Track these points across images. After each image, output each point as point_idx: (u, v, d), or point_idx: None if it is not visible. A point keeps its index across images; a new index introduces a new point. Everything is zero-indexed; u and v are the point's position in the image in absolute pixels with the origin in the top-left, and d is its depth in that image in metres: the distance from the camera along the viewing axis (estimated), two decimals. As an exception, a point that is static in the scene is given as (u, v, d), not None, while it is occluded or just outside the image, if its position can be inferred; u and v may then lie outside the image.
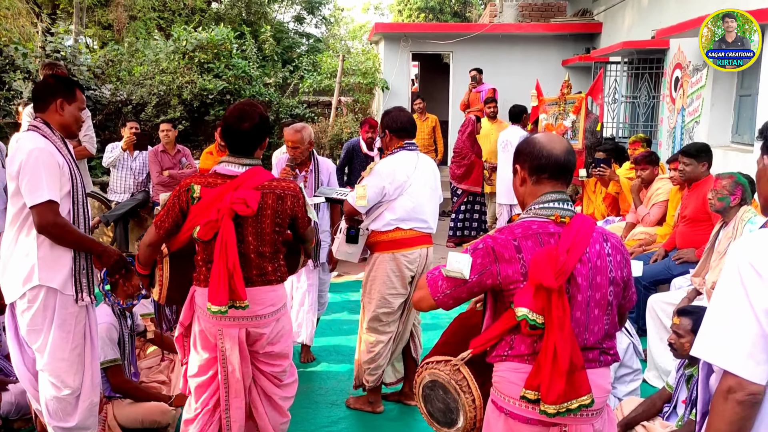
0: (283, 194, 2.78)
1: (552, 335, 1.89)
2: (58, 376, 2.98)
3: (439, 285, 2.05)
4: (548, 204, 2.03)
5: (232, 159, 2.78)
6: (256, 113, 2.77)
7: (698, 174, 4.86)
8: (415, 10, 23.88)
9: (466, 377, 2.14)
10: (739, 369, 1.46)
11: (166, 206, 2.76)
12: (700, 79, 7.38)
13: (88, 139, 5.43)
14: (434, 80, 14.44)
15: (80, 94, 3.09)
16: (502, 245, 1.98)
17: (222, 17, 16.32)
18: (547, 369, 1.88)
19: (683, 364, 3.27)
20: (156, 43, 11.10)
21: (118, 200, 6.88)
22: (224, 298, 2.60)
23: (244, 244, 2.72)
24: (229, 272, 2.60)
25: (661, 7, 8.73)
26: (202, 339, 2.81)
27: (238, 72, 10.45)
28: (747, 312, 1.48)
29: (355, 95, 11.91)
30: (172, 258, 2.87)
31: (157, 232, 2.77)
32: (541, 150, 2.05)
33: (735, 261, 1.53)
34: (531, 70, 10.87)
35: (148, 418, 3.52)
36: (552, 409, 1.89)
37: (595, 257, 1.99)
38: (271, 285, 2.81)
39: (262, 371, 2.91)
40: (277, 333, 2.88)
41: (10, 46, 9.01)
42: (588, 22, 11.58)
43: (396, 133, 3.75)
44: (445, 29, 12.92)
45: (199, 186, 2.70)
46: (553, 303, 1.89)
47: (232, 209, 2.61)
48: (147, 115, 9.52)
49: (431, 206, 3.80)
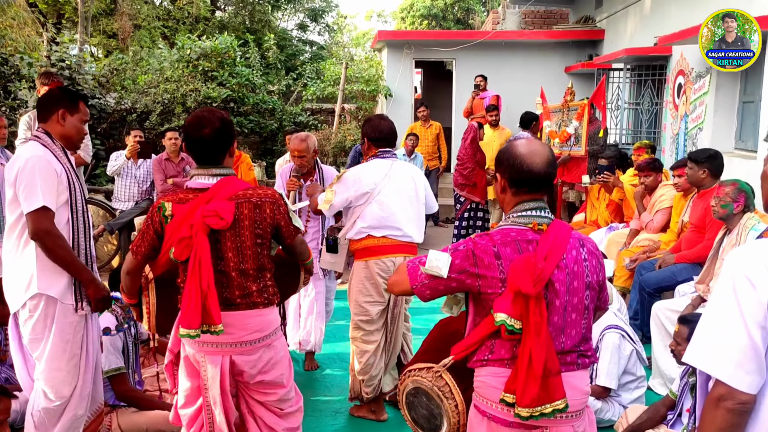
0: (260, 202, 2.57)
1: (528, 341, 1.93)
2: (53, 386, 2.95)
3: (419, 274, 2.11)
4: (526, 212, 2.09)
5: (200, 171, 2.59)
6: (216, 118, 2.58)
7: (699, 180, 4.85)
8: (418, 17, 23.97)
9: (449, 383, 2.17)
10: (729, 378, 1.48)
11: (141, 230, 2.61)
12: (703, 86, 7.38)
13: (83, 147, 5.44)
14: (437, 87, 14.48)
15: (84, 107, 3.09)
16: (482, 250, 2.03)
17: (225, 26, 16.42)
18: (522, 373, 1.93)
19: (687, 371, 3.26)
20: (160, 52, 11.17)
21: (122, 208, 6.90)
22: (196, 321, 2.38)
23: (223, 261, 2.52)
24: (203, 292, 2.38)
25: (663, 14, 8.75)
26: (187, 366, 2.63)
27: (242, 80, 10.50)
28: (738, 322, 1.49)
29: (358, 102, 11.95)
30: (158, 284, 2.69)
31: (135, 257, 2.61)
32: (521, 164, 2.07)
33: (730, 271, 1.54)
34: (534, 77, 10.91)
35: (152, 426, 3.52)
36: (525, 413, 1.94)
37: (572, 263, 2.05)
38: (257, 308, 2.57)
39: (258, 401, 2.70)
40: (268, 361, 2.63)
41: (16, 56, 9.07)
42: (590, 29, 11.61)
43: (373, 141, 3.76)
44: (448, 36, 12.97)
45: (170, 203, 2.52)
46: (531, 309, 1.93)
47: (205, 224, 2.42)
48: (151, 124, 9.57)
49: (407, 214, 3.69)
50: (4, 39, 9.48)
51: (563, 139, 7.57)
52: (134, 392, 3.60)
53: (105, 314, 3.66)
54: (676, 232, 5.34)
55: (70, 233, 2.95)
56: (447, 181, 10.14)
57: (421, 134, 9.15)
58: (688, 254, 4.84)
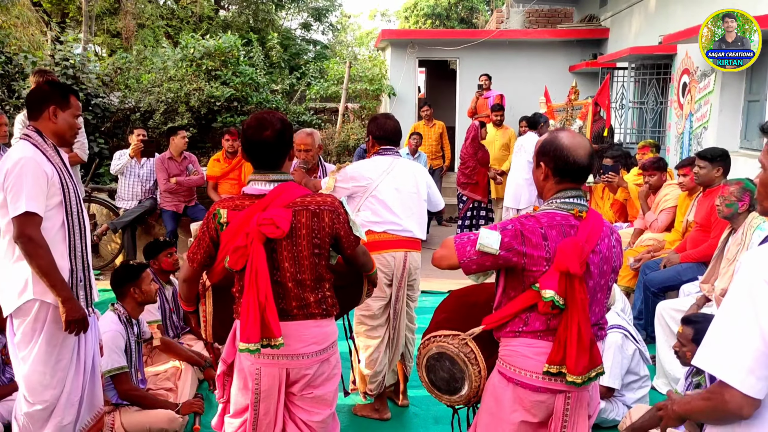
0: (318, 210, 2.44)
1: (576, 315, 2.11)
2: (33, 389, 2.87)
3: (468, 250, 2.21)
4: (570, 199, 2.25)
5: (258, 176, 2.48)
6: (277, 119, 2.48)
7: (711, 178, 4.81)
8: (422, 16, 23.95)
9: (474, 350, 2.35)
10: (741, 384, 1.48)
11: (197, 237, 2.53)
12: (708, 85, 7.35)
13: (79, 145, 5.41)
14: (441, 86, 14.47)
15: (75, 101, 2.98)
16: (530, 230, 2.18)
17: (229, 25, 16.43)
18: (573, 345, 2.10)
19: (692, 371, 3.25)
20: (164, 51, 11.17)
21: (125, 207, 6.91)
22: (256, 335, 2.30)
23: (280, 271, 2.41)
24: (261, 305, 2.30)
25: (668, 13, 8.72)
26: (241, 378, 2.53)
27: (246, 79, 10.50)
28: (753, 327, 1.48)
29: (361, 102, 11.94)
30: (215, 292, 2.63)
31: (191, 265, 2.54)
32: (567, 155, 2.22)
33: (747, 274, 1.52)
34: (538, 76, 10.89)
35: (155, 425, 3.51)
36: (579, 380, 2.12)
37: (605, 248, 2.23)
38: (315, 319, 2.47)
39: (296, 420, 2.54)
40: (322, 375, 2.53)
41: (20, 55, 9.09)
42: (595, 28, 11.58)
43: (377, 139, 3.85)
44: (451, 35, 12.95)
45: (225, 210, 2.42)
46: (576, 287, 2.10)
47: (261, 232, 2.32)
48: (155, 123, 9.57)
49: (408, 210, 3.73)
50: (9, 38, 9.49)
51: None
52: (136, 391, 3.60)
53: (107, 314, 3.66)
54: (680, 232, 5.31)
55: (66, 235, 2.88)
56: (450, 180, 10.12)
57: (424, 133, 9.14)
58: (692, 254, 4.82)
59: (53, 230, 2.83)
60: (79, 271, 2.92)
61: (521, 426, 2.22)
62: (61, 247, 2.86)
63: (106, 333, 3.51)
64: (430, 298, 5.79)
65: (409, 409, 4.08)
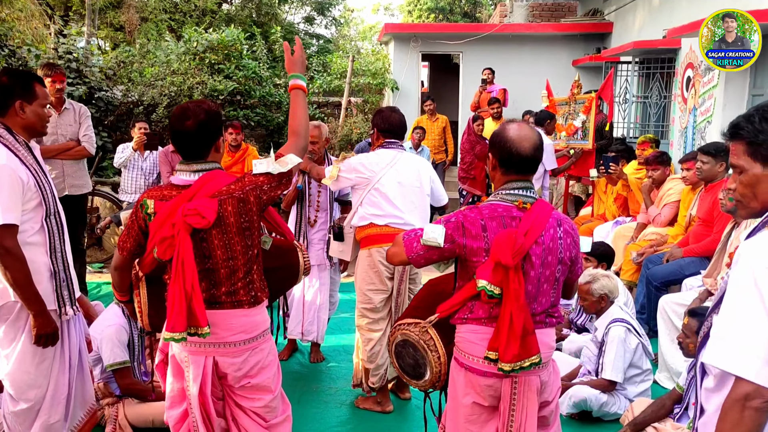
0: (243, 195, 2.42)
1: (509, 305, 2.19)
2: (18, 388, 2.85)
3: (414, 246, 2.35)
4: (514, 191, 2.32)
5: (183, 166, 2.46)
6: (202, 110, 2.43)
7: (715, 173, 4.81)
8: (425, 10, 23.88)
9: (434, 338, 2.44)
10: (757, 376, 1.43)
11: (126, 226, 2.52)
12: (712, 79, 7.33)
13: (87, 139, 5.43)
14: (444, 81, 14.43)
15: (40, 89, 2.87)
16: (470, 222, 2.29)
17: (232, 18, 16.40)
18: (504, 334, 2.19)
19: (693, 365, 3.25)
20: (167, 45, 11.17)
21: (129, 200, 6.92)
22: (181, 324, 2.29)
23: (212, 259, 2.41)
24: (188, 294, 2.29)
25: (672, 7, 8.68)
26: (173, 366, 2.54)
27: (249, 73, 10.49)
28: (763, 317, 1.45)
29: (364, 96, 11.92)
30: (149, 281, 2.61)
31: (121, 254, 2.53)
32: (510, 147, 2.29)
33: (749, 264, 1.50)
34: (541, 70, 10.84)
35: (158, 418, 3.53)
36: (508, 367, 2.20)
37: (549, 240, 2.29)
38: (243, 308, 2.46)
39: (242, 407, 2.55)
40: (255, 365, 2.51)
41: (23, 48, 9.09)
42: (599, 22, 11.53)
43: (381, 132, 3.87)
44: (455, 29, 12.91)
45: (152, 201, 2.42)
46: (510, 278, 2.19)
47: (186, 223, 2.31)
48: (158, 116, 9.58)
49: (410, 204, 3.73)
50: (12, 31, 9.49)
51: (570, 132, 7.55)
52: (138, 385, 3.62)
53: (112, 307, 3.68)
54: (683, 226, 5.31)
55: (46, 237, 2.84)
56: (453, 174, 10.11)
57: (427, 128, 9.13)
58: (695, 248, 4.81)
59: (32, 232, 2.79)
60: (60, 271, 2.89)
61: (474, 408, 2.34)
62: (41, 248, 2.83)
63: (110, 327, 3.53)
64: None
65: (411, 402, 4.09)
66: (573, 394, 3.81)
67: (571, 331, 4.83)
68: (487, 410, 2.35)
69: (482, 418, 2.35)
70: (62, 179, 5.32)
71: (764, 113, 1.59)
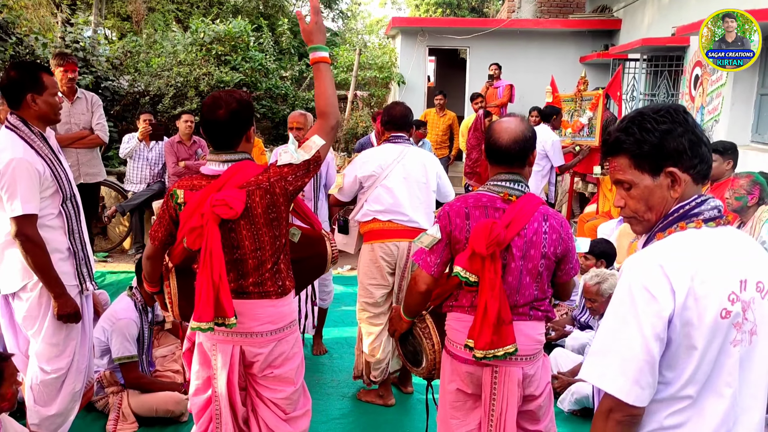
0: (269, 186, 2.40)
1: (484, 294, 2.23)
2: (49, 359, 3.00)
3: (429, 261, 2.40)
4: (501, 183, 2.37)
5: (213, 156, 2.46)
6: (234, 99, 2.42)
7: (722, 171, 4.78)
8: (433, 5, 23.80)
9: (429, 326, 2.51)
10: (626, 395, 1.44)
11: (158, 216, 2.55)
12: (720, 78, 7.29)
13: (100, 127, 5.48)
14: (450, 75, 14.40)
15: (48, 79, 2.95)
16: (455, 211, 2.36)
17: (239, 10, 16.35)
18: (478, 320, 2.24)
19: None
20: (174, 35, 11.15)
21: (134, 190, 6.94)
22: (209, 314, 2.30)
23: (240, 249, 2.42)
24: (215, 284, 2.30)
25: (681, 4, 8.64)
26: (200, 354, 2.56)
27: (255, 65, 10.48)
28: (636, 337, 1.43)
29: (371, 89, 11.90)
30: (179, 271, 2.64)
31: (153, 243, 2.56)
32: (491, 139, 2.36)
33: (627, 280, 1.47)
34: (548, 67, 10.81)
35: (162, 407, 3.55)
36: (480, 354, 2.24)
37: (531, 233, 2.31)
38: (270, 299, 2.46)
39: (263, 398, 2.56)
40: (280, 355, 2.52)
41: (31, 36, 9.09)
42: (607, 19, 11.48)
43: (385, 126, 3.87)
44: (462, 24, 12.87)
45: (182, 191, 2.43)
46: (486, 267, 2.23)
47: (215, 213, 2.31)
48: (164, 107, 9.58)
49: (416, 200, 3.71)
50: (20, 19, 9.47)
51: (576, 129, 7.52)
52: (143, 379, 3.63)
53: (123, 298, 3.69)
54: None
55: (64, 220, 2.98)
56: (457, 170, 10.10)
57: (434, 122, 9.10)
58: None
59: (51, 217, 2.93)
60: (79, 251, 3.05)
61: (458, 394, 2.41)
62: (60, 231, 2.98)
63: (122, 320, 3.55)
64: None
65: (414, 396, 4.10)
66: (576, 391, 3.81)
67: (574, 328, 4.82)
68: (471, 398, 2.41)
69: (467, 405, 2.42)
70: (77, 168, 5.37)
71: (641, 123, 1.54)
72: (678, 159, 1.52)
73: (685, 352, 1.45)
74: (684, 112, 1.55)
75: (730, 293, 1.45)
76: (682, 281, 1.43)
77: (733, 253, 1.50)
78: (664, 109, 1.54)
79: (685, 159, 1.52)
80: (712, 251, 1.47)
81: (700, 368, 1.45)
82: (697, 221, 1.51)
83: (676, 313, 1.43)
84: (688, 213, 1.53)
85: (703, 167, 1.54)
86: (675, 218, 1.54)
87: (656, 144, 1.52)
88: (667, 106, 1.56)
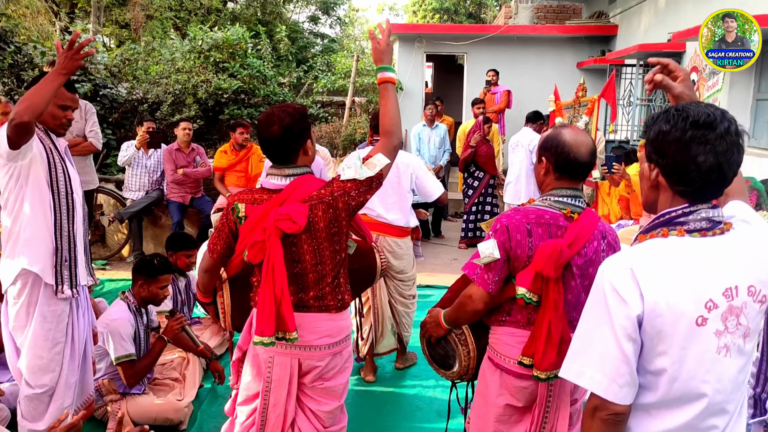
0: (332, 200, 2.41)
1: (547, 314, 2.17)
2: (33, 373, 2.94)
3: (486, 278, 2.26)
4: (563, 198, 2.27)
5: (274, 171, 2.47)
6: (286, 113, 2.44)
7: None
8: (430, 11, 23.88)
9: (465, 332, 2.46)
10: (605, 392, 1.49)
11: (216, 228, 2.55)
12: (716, 83, 7.33)
13: (93, 135, 5.48)
14: (448, 81, 14.44)
15: (61, 92, 2.95)
16: (515, 226, 2.23)
17: (237, 17, 16.42)
18: (541, 342, 2.17)
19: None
20: (172, 43, 11.18)
21: (132, 198, 6.94)
22: (270, 329, 2.32)
23: (301, 264, 2.42)
24: (277, 299, 2.31)
25: (677, 10, 8.68)
26: (254, 366, 2.55)
27: (253, 71, 10.50)
28: (609, 336, 1.48)
29: (369, 96, 11.93)
30: (232, 283, 2.66)
31: (211, 256, 2.56)
32: (569, 152, 2.24)
33: (603, 282, 1.51)
34: (545, 72, 10.85)
35: (161, 415, 3.55)
36: (543, 375, 2.19)
37: (591, 252, 2.25)
38: (330, 312, 2.48)
39: (305, 408, 2.55)
40: (333, 368, 2.54)
41: (29, 44, 9.11)
42: (603, 25, 11.53)
43: (373, 129, 4.06)
44: (459, 30, 12.92)
45: (243, 204, 2.44)
46: (551, 287, 2.16)
47: (278, 227, 2.32)
48: (162, 114, 9.60)
49: (386, 200, 3.99)
50: (18, 28, 9.52)
51: (574, 135, 7.53)
52: (141, 364, 3.61)
53: (117, 302, 3.70)
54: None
55: (53, 216, 2.91)
56: (455, 175, 10.12)
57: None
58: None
59: (42, 207, 2.87)
60: (64, 251, 2.95)
61: (506, 409, 2.34)
62: (41, 220, 2.89)
63: (116, 321, 3.55)
64: (435, 293, 5.81)
65: (412, 403, 4.10)
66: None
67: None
68: (519, 411, 2.35)
69: (513, 419, 2.35)
70: None
71: (665, 116, 1.56)
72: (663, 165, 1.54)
73: (659, 357, 1.48)
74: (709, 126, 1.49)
75: (707, 301, 1.47)
76: (651, 287, 1.45)
77: (720, 261, 1.50)
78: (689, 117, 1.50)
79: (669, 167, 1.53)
80: (690, 260, 1.48)
81: (679, 374, 1.48)
82: (679, 230, 1.52)
83: (646, 318, 1.46)
84: (672, 220, 1.54)
85: (689, 189, 1.53)
86: (659, 223, 1.56)
87: (651, 139, 1.57)
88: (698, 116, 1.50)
